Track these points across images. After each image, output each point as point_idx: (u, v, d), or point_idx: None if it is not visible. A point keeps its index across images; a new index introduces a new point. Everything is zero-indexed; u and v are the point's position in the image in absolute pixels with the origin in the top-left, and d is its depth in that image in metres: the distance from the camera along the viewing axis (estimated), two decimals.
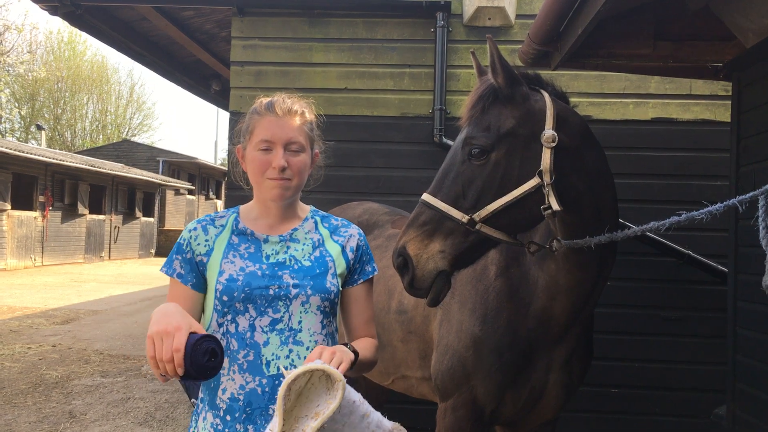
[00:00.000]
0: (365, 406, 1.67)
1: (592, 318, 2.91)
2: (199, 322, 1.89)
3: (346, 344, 1.79)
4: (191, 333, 1.52)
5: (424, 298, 2.43)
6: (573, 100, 2.63)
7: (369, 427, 1.64)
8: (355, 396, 1.66)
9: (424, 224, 2.38)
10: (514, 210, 2.37)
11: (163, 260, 24.02)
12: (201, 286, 1.87)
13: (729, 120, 3.67)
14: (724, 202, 2.37)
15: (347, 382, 1.64)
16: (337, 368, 1.61)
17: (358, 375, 1.90)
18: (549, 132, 2.36)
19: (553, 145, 2.35)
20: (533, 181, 2.35)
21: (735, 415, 3.36)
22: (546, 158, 2.35)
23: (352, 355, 1.71)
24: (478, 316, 2.81)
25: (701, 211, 2.38)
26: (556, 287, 2.65)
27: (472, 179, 2.39)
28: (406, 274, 2.40)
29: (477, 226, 2.35)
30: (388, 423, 1.69)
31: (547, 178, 2.33)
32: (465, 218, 2.35)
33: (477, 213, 2.35)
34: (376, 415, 1.68)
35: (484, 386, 2.77)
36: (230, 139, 3.16)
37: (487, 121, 2.42)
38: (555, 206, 2.32)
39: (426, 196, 2.43)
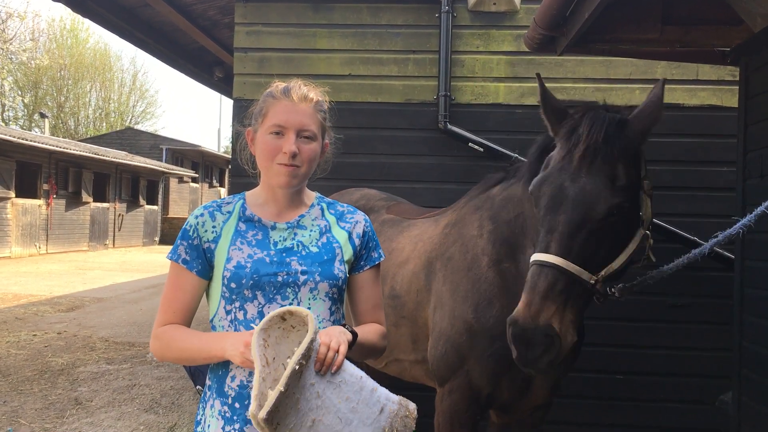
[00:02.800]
0: (371, 381, 1.69)
1: None
2: (196, 310, 1.89)
3: (344, 325, 1.78)
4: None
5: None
6: (578, 85, 2.61)
7: (380, 400, 1.66)
8: (360, 372, 1.68)
9: (561, 293, 2.20)
10: (627, 264, 2.29)
11: (167, 248, 24.08)
12: (206, 273, 1.85)
13: (736, 105, 3.64)
14: (756, 211, 2.37)
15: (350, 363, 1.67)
16: (337, 351, 1.61)
17: (362, 359, 1.90)
18: (647, 182, 2.30)
19: (651, 192, 2.29)
20: (639, 232, 2.27)
21: (740, 401, 3.36)
22: (647, 206, 2.28)
23: (349, 335, 1.70)
24: (471, 303, 2.83)
25: (735, 226, 2.41)
26: None
27: (600, 238, 2.25)
28: (550, 353, 2.16)
29: (597, 286, 2.23)
30: (394, 396, 1.71)
31: (646, 227, 2.27)
32: (592, 279, 2.22)
33: (602, 272, 2.23)
34: (383, 389, 1.70)
35: (478, 370, 2.80)
36: (239, 122, 3.14)
37: (610, 174, 2.25)
38: (652, 257, 2.27)
39: (555, 259, 2.21)
